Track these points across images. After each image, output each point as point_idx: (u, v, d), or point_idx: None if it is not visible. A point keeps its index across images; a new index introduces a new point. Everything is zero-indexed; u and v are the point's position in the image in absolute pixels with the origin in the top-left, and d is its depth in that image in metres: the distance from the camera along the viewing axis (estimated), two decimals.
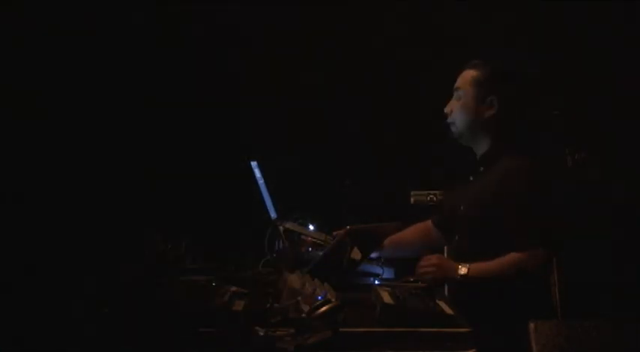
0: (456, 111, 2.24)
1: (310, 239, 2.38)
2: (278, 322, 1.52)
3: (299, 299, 1.57)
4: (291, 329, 1.49)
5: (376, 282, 2.23)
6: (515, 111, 2.23)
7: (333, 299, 1.49)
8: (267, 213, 2.53)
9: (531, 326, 1.63)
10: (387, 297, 1.70)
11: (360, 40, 3.47)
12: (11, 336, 1.48)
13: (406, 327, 1.56)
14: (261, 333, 1.48)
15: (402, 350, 1.51)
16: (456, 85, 2.26)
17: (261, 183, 2.59)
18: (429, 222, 2.49)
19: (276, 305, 1.61)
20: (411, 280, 2.20)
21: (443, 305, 1.73)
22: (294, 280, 1.72)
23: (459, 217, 2.24)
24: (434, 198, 3.06)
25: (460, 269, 2.01)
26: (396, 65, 3.43)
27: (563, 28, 3.26)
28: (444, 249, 2.46)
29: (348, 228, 2.13)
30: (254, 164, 2.59)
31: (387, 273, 2.31)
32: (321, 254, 2.14)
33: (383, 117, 3.47)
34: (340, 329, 1.47)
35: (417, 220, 2.53)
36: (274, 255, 2.25)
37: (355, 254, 2.12)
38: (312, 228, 2.50)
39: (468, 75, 2.24)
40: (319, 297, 1.53)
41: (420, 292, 1.86)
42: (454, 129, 2.26)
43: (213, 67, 3.35)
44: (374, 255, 2.36)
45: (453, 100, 2.27)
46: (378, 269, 2.29)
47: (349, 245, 2.10)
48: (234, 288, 1.78)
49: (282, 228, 2.34)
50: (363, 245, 2.16)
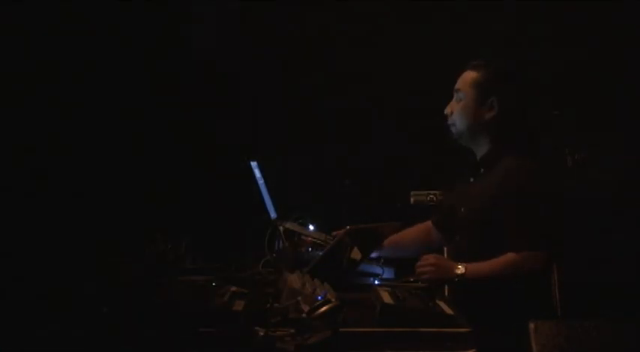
0: (457, 113, 2.23)
1: (310, 239, 2.37)
2: (278, 322, 1.52)
3: (299, 299, 1.56)
4: (291, 329, 1.49)
5: (376, 282, 2.23)
6: (516, 113, 2.22)
7: (333, 299, 1.49)
8: (267, 213, 2.53)
9: (531, 326, 1.62)
10: (387, 297, 1.70)
11: (360, 40, 3.47)
12: (11, 336, 1.48)
13: (406, 327, 1.56)
14: (261, 333, 1.48)
15: (402, 350, 1.51)
16: (456, 87, 2.25)
17: (261, 183, 2.59)
18: (428, 223, 2.49)
19: (276, 305, 1.61)
20: (411, 280, 2.20)
21: (443, 305, 1.73)
22: (294, 280, 1.72)
23: (458, 218, 2.23)
24: (434, 198, 3.06)
25: (457, 269, 2.01)
26: (396, 65, 3.43)
27: (563, 28, 3.27)
28: (443, 249, 2.46)
29: (348, 228, 2.14)
30: (254, 164, 2.60)
31: (387, 273, 2.31)
32: (321, 254, 2.14)
33: (383, 117, 3.47)
34: (340, 329, 1.47)
35: (417, 220, 2.53)
36: (274, 255, 2.25)
37: (355, 254, 2.13)
38: (312, 228, 2.50)
39: (468, 76, 2.23)
40: (319, 297, 1.52)
41: (420, 292, 1.85)
42: (454, 130, 2.25)
43: (213, 67, 3.35)
44: (374, 255, 2.36)
45: (453, 102, 2.26)
46: (378, 269, 2.29)
47: (349, 245, 2.10)
48: (234, 288, 1.78)
49: (282, 228, 2.34)
50: (363, 245, 2.17)
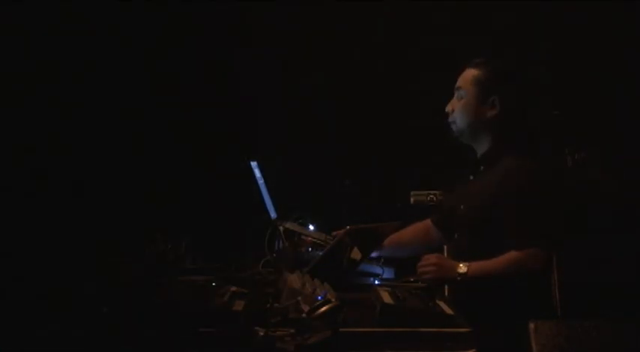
0: (458, 111, 2.23)
1: (310, 239, 2.37)
2: (278, 322, 1.52)
3: (299, 299, 1.56)
4: (291, 329, 1.49)
5: (376, 282, 2.23)
6: (517, 112, 2.22)
7: (333, 299, 1.49)
8: (267, 213, 2.53)
9: (531, 326, 1.63)
10: (387, 297, 1.70)
11: (360, 40, 3.47)
12: (11, 336, 1.47)
13: (406, 327, 1.56)
14: (261, 333, 1.48)
15: (402, 350, 1.51)
16: (458, 85, 2.25)
17: (261, 183, 2.59)
18: (428, 222, 2.49)
19: (276, 305, 1.61)
20: (411, 280, 2.20)
21: (443, 305, 1.73)
22: (294, 280, 1.72)
23: (458, 216, 2.23)
24: (434, 198, 3.05)
25: (460, 268, 2.01)
26: (396, 65, 3.43)
27: (563, 28, 3.26)
28: (443, 248, 2.46)
29: (348, 228, 2.13)
30: (254, 164, 2.59)
31: (387, 273, 2.31)
32: (321, 254, 2.14)
33: (383, 117, 3.46)
34: (340, 329, 1.47)
35: (417, 220, 2.53)
36: (274, 255, 2.25)
37: (355, 254, 2.13)
38: (312, 228, 2.50)
39: (469, 74, 2.23)
40: (319, 297, 1.52)
41: (420, 292, 1.85)
42: (455, 128, 2.25)
43: (213, 66, 3.35)
44: (374, 254, 2.36)
45: (454, 99, 2.26)
46: (378, 269, 2.29)
47: (349, 245, 2.10)
48: (234, 288, 1.78)
49: (282, 228, 2.34)
50: (363, 245, 2.17)
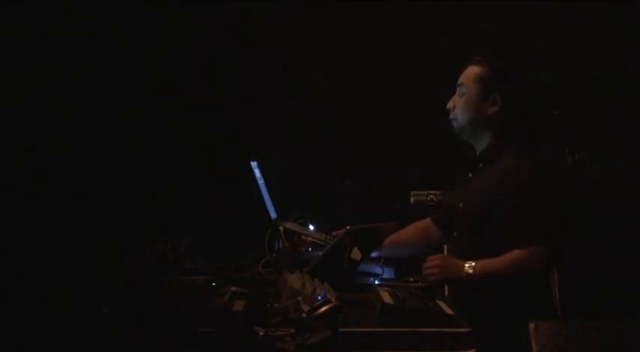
0: (459, 107, 2.23)
1: (310, 239, 2.37)
2: (278, 322, 1.52)
3: (299, 299, 1.57)
4: (291, 329, 1.49)
5: (376, 282, 2.23)
6: (518, 109, 2.22)
7: (333, 299, 1.49)
8: (267, 213, 2.53)
9: (531, 326, 1.63)
10: (387, 297, 1.70)
11: (360, 40, 3.47)
12: (11, 336, 1.47)
13: (406, 327, 1.56)
14: (261, 333, 1.48)
15: (402, 350, 1.51)
16: (459, 81, 2.26)
17: (261, 183, 2.59)
18: (427, 221, 2.48)
19: (276, 305, 1.61)
20: (411, 280, 2.20)
21: (443, 305, 1.73)
22: (294, 280, 1.72)
23: (458, 214, 2.23)
24: (434, 198, 3.06)
25: (466, 269, 2.01)
26: (396, 65, 3.43)
27: (563, 28, 3.26)
28: (443, 247, 2.46)
29: (348, 228, 2.14)
30: (254, 164, 2.60)
31: (387, 273, 2.31)
32: (321, 254, 2.14)
33: (383, 117, 3.46)
34: (340, 329, 1.47)
35: (417, 220, 2.53)
36: (274, 255, 2.25)
37: (355, 254, 2.13)
38: (312, 228, 2.50)
39: (471, 71, 2.23)
40: (319, 297, 1.52)
41: (420, 292, 1.85)
42: (456, 124, 2.25)
43: (213, 66, 3.35)
44: (374, 254, 2.36)
45: (455, 96, 2.26)
46: (378, 269, 2.29)
47: (349, 245, 2.10)
48: (234, 288, 1.78)
49: (282, 228, 2.34)
50: (363, 245, 2.17)
